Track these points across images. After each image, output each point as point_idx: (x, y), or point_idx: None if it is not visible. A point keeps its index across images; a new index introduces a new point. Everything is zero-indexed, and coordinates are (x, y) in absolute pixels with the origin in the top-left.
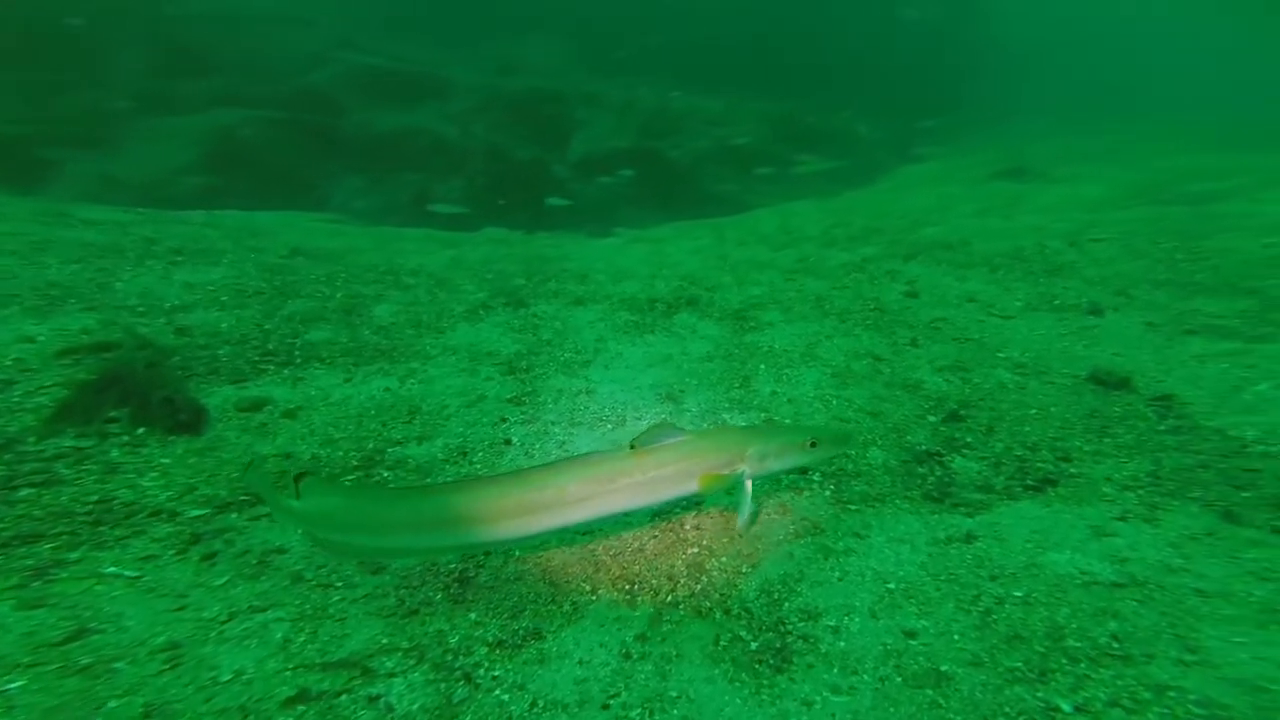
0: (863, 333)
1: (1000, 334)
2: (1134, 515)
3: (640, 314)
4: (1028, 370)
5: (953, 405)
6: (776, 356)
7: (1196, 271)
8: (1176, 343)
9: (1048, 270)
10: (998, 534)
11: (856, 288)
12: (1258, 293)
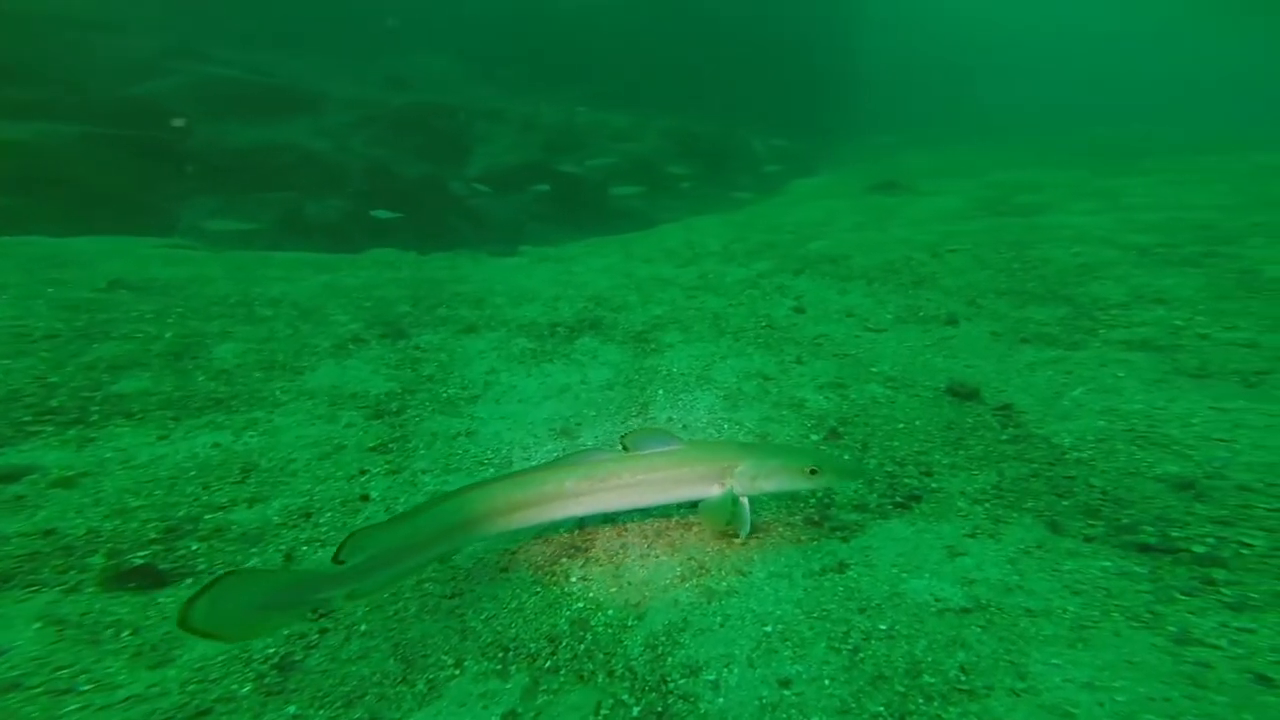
0: (754, 352)
1: (874, 348)
2: (981, 531)
3: (540, 340)
4: (897, 384)
5: (833, 423)
6: (674, 380)
7: (1028, 280)
8: (1014, 351)
9: (914, 282)
10: (868, 559)
11: (751, 304)
12: (1071, 300)
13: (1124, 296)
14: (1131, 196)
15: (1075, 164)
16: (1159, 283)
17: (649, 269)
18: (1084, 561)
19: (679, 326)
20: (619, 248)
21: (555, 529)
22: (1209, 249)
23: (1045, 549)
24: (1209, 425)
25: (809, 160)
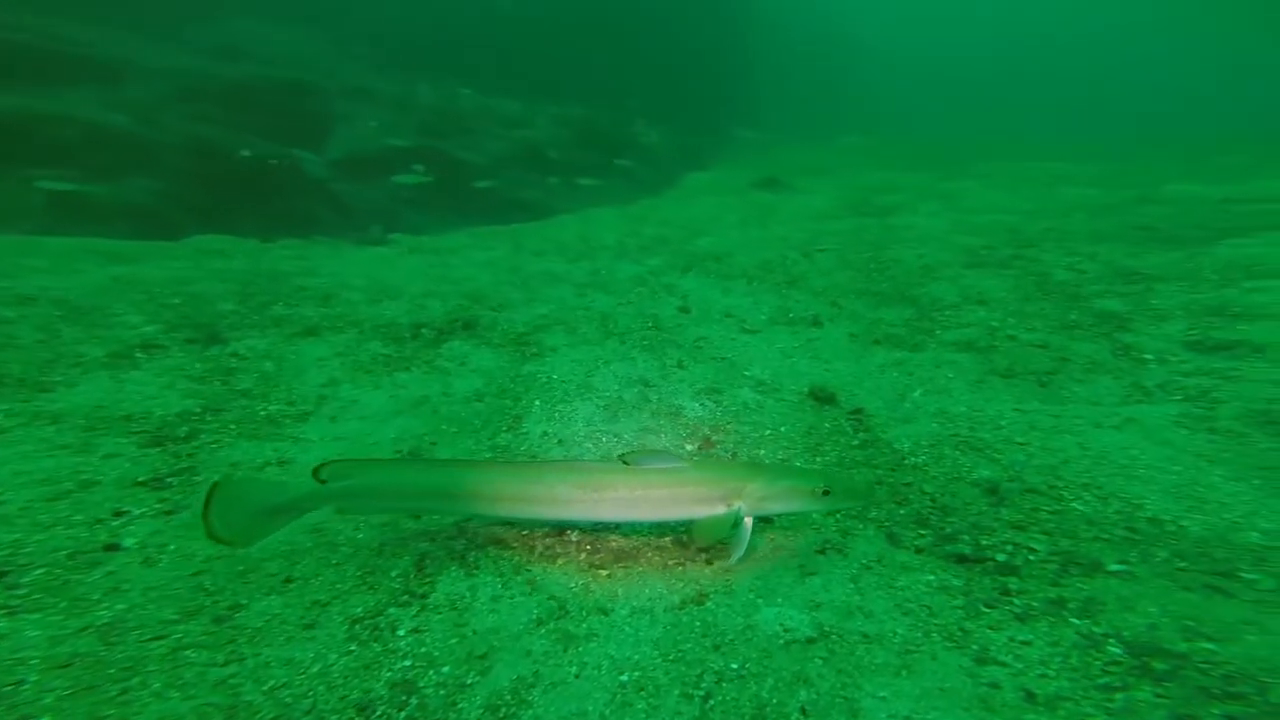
0: (639, 355)
1: (747, 351)
2: (831, 546)
3: (399, 344)
4: (767, 388)
5: (706, 431)
6: (553, 389)
7: (882, 281)
8: (868, 353)
9: (788, 281)
10: (729, 585)
11: (640, 304)
12: (915, 301)
13: (956, 297)
14: (966, 199)
15: (927, 166)
16: (982, 284)
17: (539, 263)
18: (914, 577)
19: (565, 328)
20: (508, 239)
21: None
22: (1016, 252)
23: (883, 563)
24: (1013, 427)
25: (701, 154)
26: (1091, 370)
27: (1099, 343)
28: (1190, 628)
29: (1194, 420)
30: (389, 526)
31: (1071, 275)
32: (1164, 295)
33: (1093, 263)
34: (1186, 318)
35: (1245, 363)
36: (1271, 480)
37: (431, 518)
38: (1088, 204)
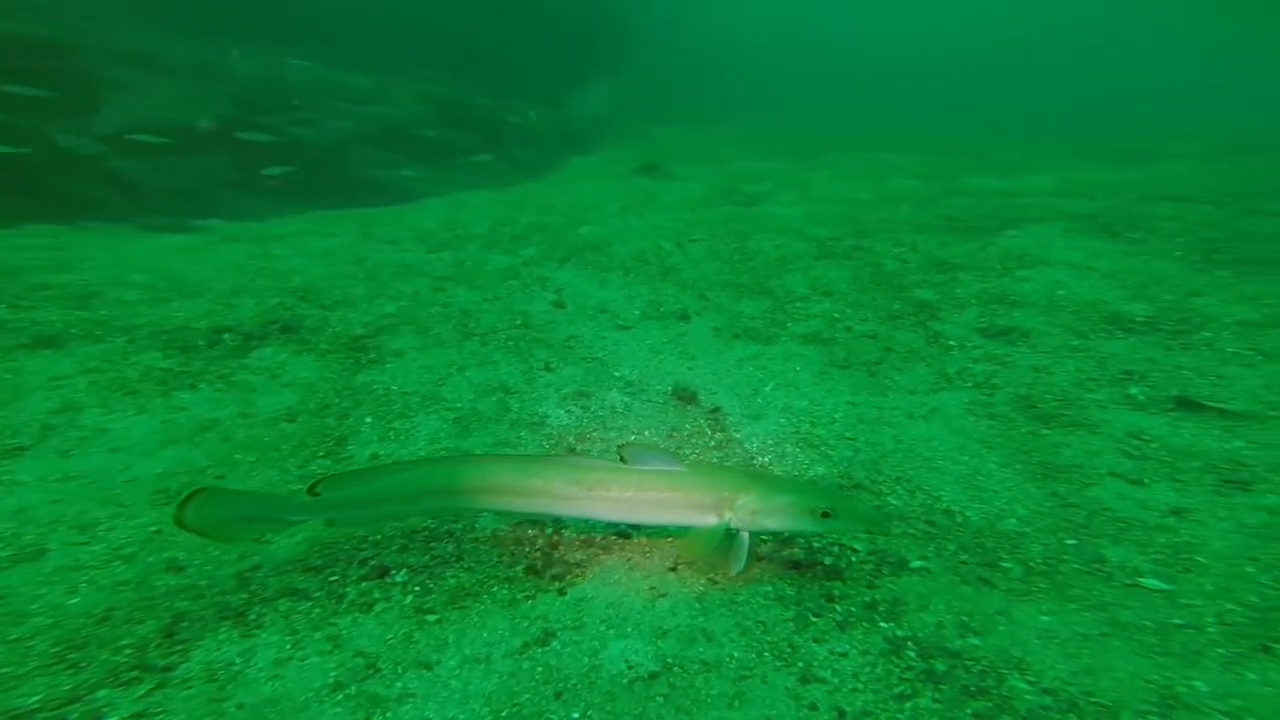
0: (502, 358)
1: (618, 349)
2: (681, 561)
3: (186, 355)
4: (635, 389)
5: (571, 440)
6: (392, 402)
7: (744, 273)
8: (729, 348)
9: (661, 273)
10: (579, 618)
11: (509, 299)
12: (772, 293)
13: (806, 289)
14: (818, 188)
15: (790, 154)
16: (828, 275)
17: (391, 253)
18: (754, 589)
19: (416, 328)
20: (356, 225)
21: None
22: (857, 243)
23: (729, 576)
24: (845, 421)
25: (585, 137)
26: (909, 359)
27: (916, 331)
28: (964, 623)
29: (979, 407)
30: (134, 586)
31: (898, 266)
32: (964, 284)
33: (914, 253)
34: (979, 305)
35: (1016, 348)
36: (1028, 464)
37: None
38: (911, 195)
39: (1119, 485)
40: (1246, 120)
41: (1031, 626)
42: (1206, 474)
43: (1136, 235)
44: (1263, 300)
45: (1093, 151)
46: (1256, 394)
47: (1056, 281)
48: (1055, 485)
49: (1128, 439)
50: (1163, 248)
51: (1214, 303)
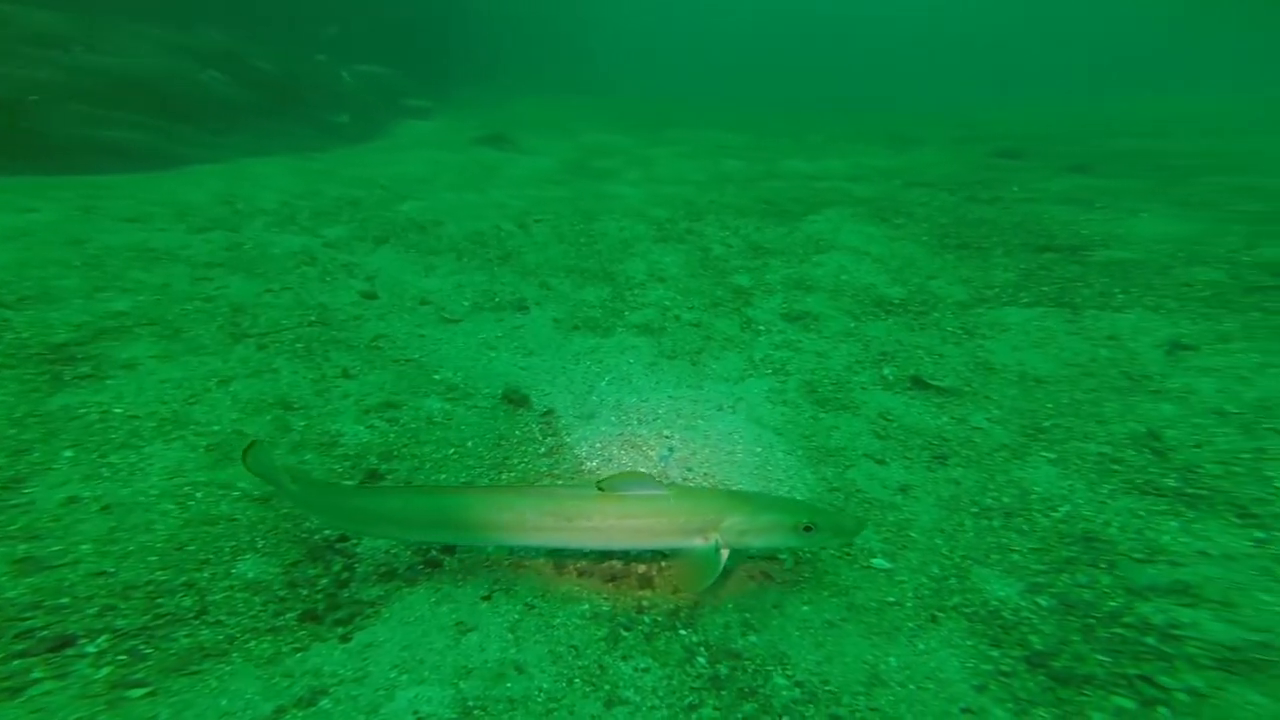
0: (285, 364)
1: (440, 348)
2: (499, 587)
3: None
4: (458, 394)
5: (374, 460)
6: (112, 429)
7: (589, 257)
8: (566, 342)
9: (501, 256)
10: (363, 666)
11: (302, 289)
12: (613, 279)
13: (644, 274)
14: (660, 167)
15: (638, 129)
16: (664, 260)
17: (130, 234)
18: (572, 609)
19: (159, 331)
20: (74, 197)
21: None
22: (690, 226)
23: (547, 597)
24: (666, 417)
25: (424, 101)
26: (726, 347)
27: (733, 318)
28: (747, 621)
29: (775, 394)
30: None
31: (724, 250)
32: (774, 269)
33: (736, 237)
34: (784, 291)
35: (807, 334)
36: (808, 450)
37: None
38: (738, 176)
39: (869, 466)
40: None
41: (796, 618)
42: (924, 450)
43: (900, 220)
44: (972, 282)
45: (877, 135)
46: (959, 371)
47: (841, 266)
48: (825, 469)
49: (879, 419)
50: (915, 232)
51: (943, 284)
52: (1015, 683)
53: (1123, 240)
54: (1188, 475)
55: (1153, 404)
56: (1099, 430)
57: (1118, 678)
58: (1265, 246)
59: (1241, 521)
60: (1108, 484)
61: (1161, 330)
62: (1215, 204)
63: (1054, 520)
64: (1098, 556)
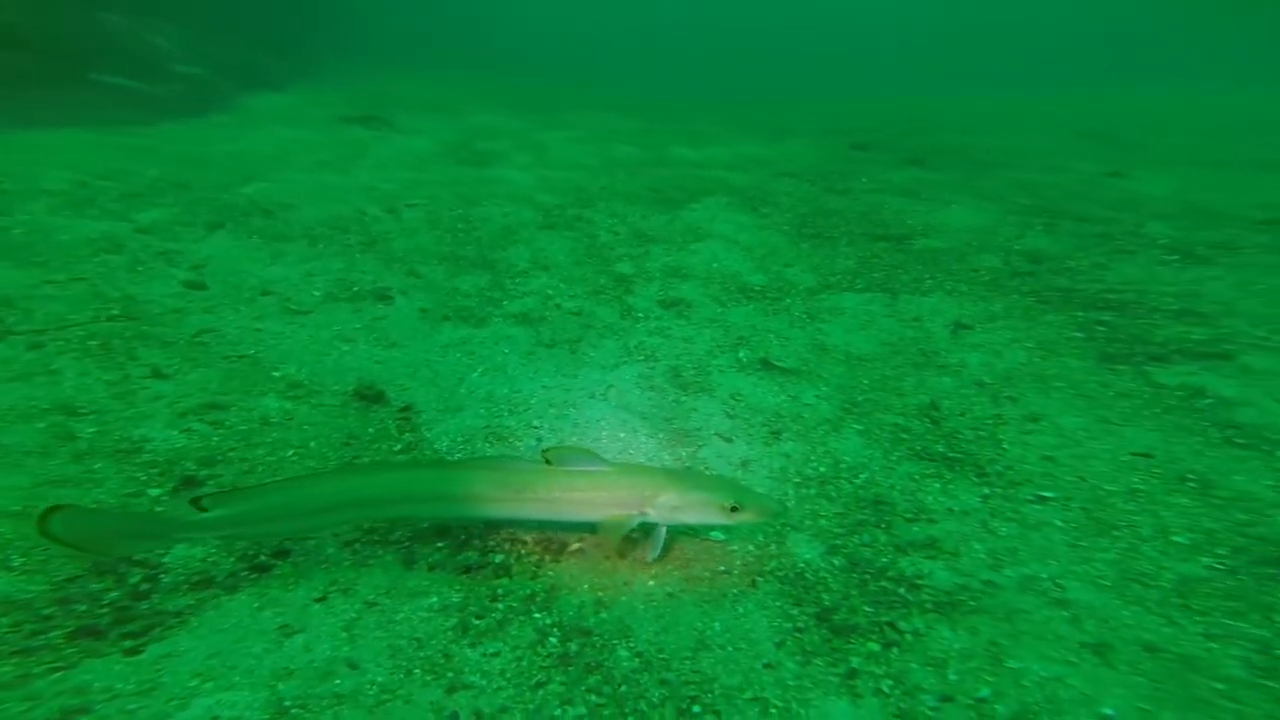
0: (69, 365)
1: (283, 342)
2: (336, 587)
3: None
4: (302, 392)
5: (190, 466)
6: None
7: (467, 244)
8: (436, 331)
9: (364, 243)
10: (155, 677)
11: (101, 280)
12: (493, 266)
13: (527, 262)
14: (552, 151)
15: (530, 109)
16: (550, 248)
17: None
18: (418, 604)
19: None
20: None
21: None
22: (579, 212)
23: (393, 594)
24: (538, 407)
25: (275, 72)
26: (604, 335)
27: (613, 306)
28: (600, 599)
29: (644, 380)
30: None
31: (610, 237)
32: (655, 257)
33: (623, 225)
34: (662, 278)
35: (678, 321)
36: (668, 432)
37: None
38: (629, 162)
39: (719, 445)
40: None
41: (642, 593)
42: (764, 427)
43: (767, 210)
44: (820, 269)
45: (758, 125)
46: (800, 353)
47: (714, 254)
48: (682, 449)
49: (730, 400)
50: (779, 222)
51: (797, 272)
52: (805, 637)
53: (937, 230)
54: (951, 440)
55: (937, 378)
56: (897, 402)
57: (875, 625)
58: (1030, 237)
59: (978, 480)
60: (897, 451)
61: (951, 311)
62: (1003, 197)
63: (855, 486)
64: (881, 518)
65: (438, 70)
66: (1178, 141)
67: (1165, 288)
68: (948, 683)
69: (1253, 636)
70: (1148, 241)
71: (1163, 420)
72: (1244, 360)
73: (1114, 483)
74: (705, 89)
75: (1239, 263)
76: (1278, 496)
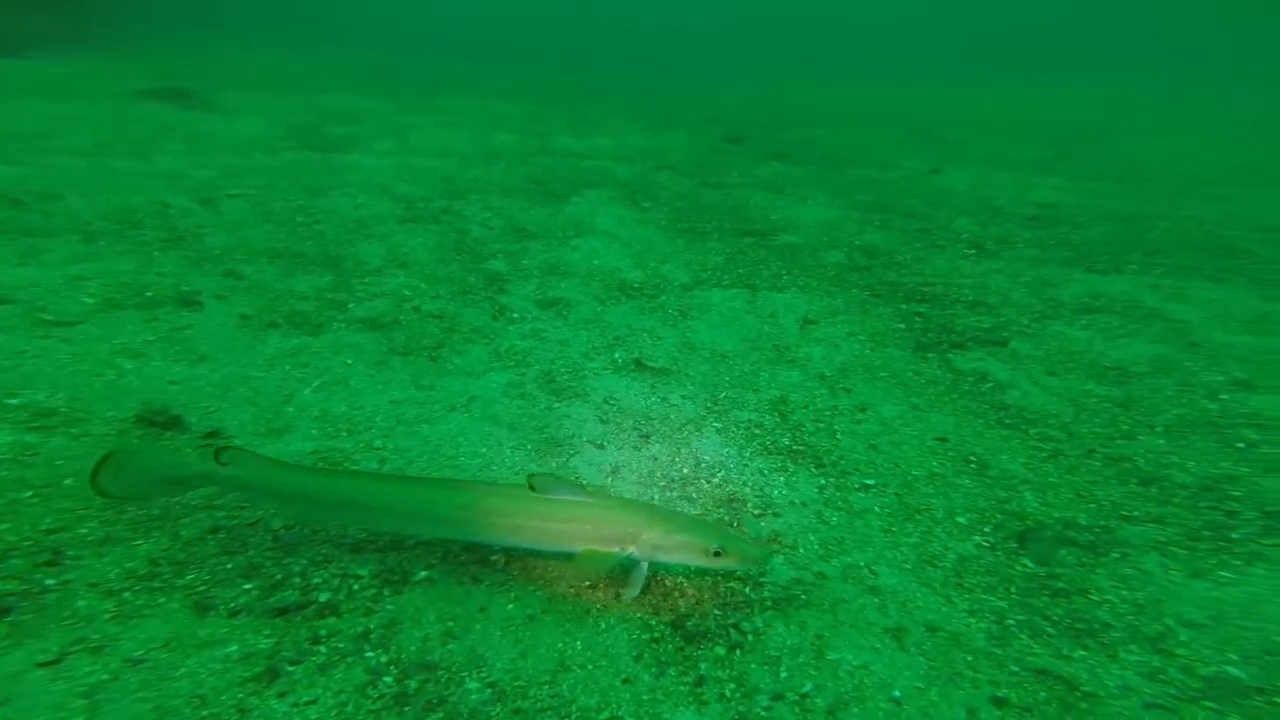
0: None
1: (27, 362)
2: (82, 646)
3: None
4: (56, 422)
5: None
6: None
7: (307, 239)
8: (258, 343)
9: (166, 239)
10: None
11: None
12: (338, 264)
13: (381, 260)
14: (419, 136)
15: (399, 90)
16: (410, 243)
17: None
18: (209, 654)
19: None
20: None
21: None
22: (447, 205)
23: (173, 646)
24: (383, 425)
25: (37, 34)
26: (471, 339)
27: (483, 307)
28: (449, 629)
29: (514, 388)
30: None
31: (483, 232)
32: (533, 253)
33: (499, 219)
34: (540, 276)
35: (554, 322)
36: (538, 442)
37: None
38: (509, 151)
39: (590, 452)
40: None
41: (499, 618)
42: (634, 431)
43: (647, 204)
44: (694, 265)
45: (644, 114)
46: (670, 351)
47: (595, 250)
48: (552, 459)
49: (603, 404)
50: (657, 217)
51: (672, 268)
52: (661, 647)
53: (796, 225)
54: (796, 433)
55: (787, 372)
56: (752, 398)
57: (722, 628)
58: (869, 232)
59: (816, 471)
60: (750, 447)
61: (801, 307)
62: (849, 193)
63: (713, 485)
64: (734, 515)
65: (293, 44)
66: (985, 140)
67: (965, 280)
68: (779, 680)
69: (995, 609)
70: (955, 237)
71: (958, 405)
72: (1014, 346)
73: (920, 467)
74: (600, 74)
75: (1014, 256)
76: (1028, 474)
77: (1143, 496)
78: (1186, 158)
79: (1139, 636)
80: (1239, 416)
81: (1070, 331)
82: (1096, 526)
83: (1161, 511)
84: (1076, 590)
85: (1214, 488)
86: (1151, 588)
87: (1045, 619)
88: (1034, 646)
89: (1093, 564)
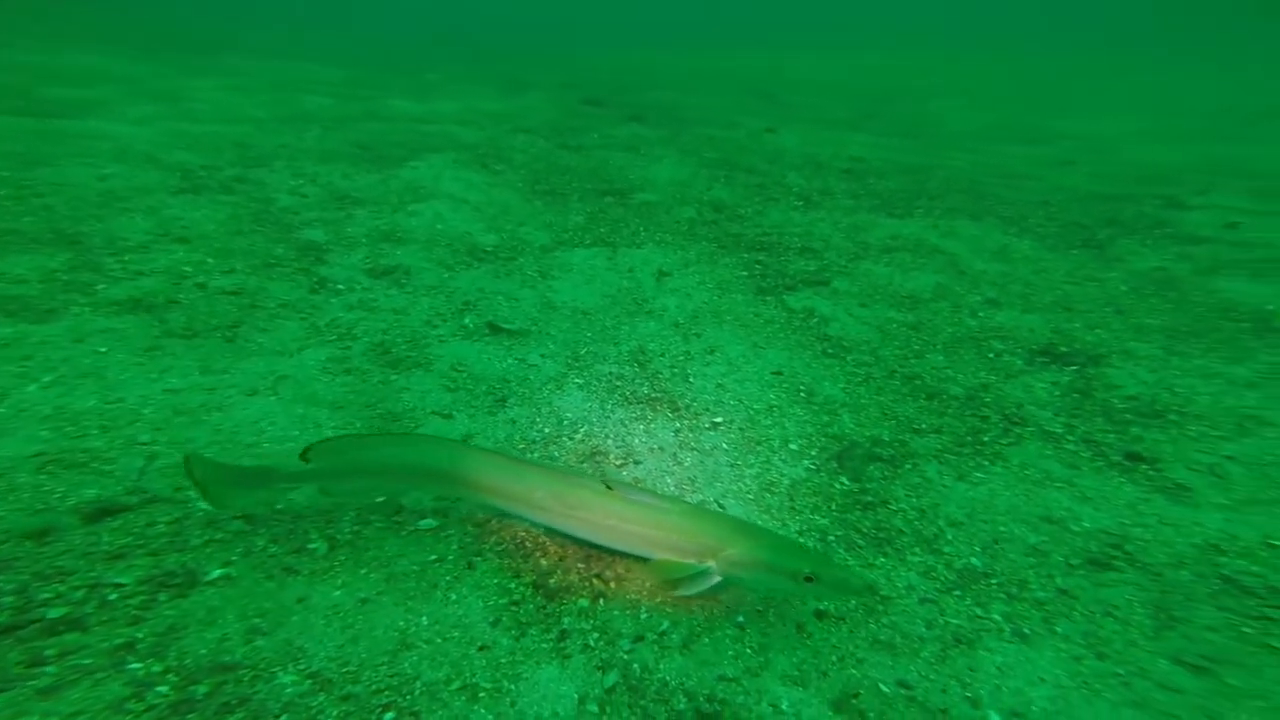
0: None
1: None
2: None
3: None
4: None
5: None
6: None
7: (24, 214)
8: None
9: None
10: None
11: None
12: (79, 241)
13: (146, 235)
14: (195, 101)
15: (163, 53)
16: (190, 215)
17: None
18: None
19: None
20: None
21: None
22: (243, 173)
23: None
24: (153, 418)
25: None
26: (280, 315)
27: (297, 280)
28: (255, 627)
29: (336, 364)
30: None
31: (294, 200)
32: (359, 221)
33: (314, 186)
34: (370, 244)
35: (387, 291)
36: (372, 418)
37: None
38: (324, 116)
39: (437, 422)
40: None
41: (323, 607)
42: (488, 396)
43: (500, 167)
44: (553, 226)
45: (494, 78)
46: (529, 312)
47: (438, 215)
48: None
49: (451, 372)
50: (513, 180)
51: (530, 230)
52: (521, 609)
53: (652, 184)
54: (654, 381)
55: (645, 323)
56: (613, 351)
57: (585, 580)
58: (716, 189)
59: (672, 416)
60: (612, 399)
61: (657, 260)
62: (697, 151)
63: (575, 441)
64: (597, 469)
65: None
66: (812, 102)
67: (794, 229)
68: (640, 622)
69: (820, 526)
70: (787, 190)
71: (790, 340)
72: (835, 284)
73: (759, 401)
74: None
75: (834, 205)
76: (845, 397)
77: (928, 409)
78: (956, 116)
79: (921, 539)
80: (990, 330)
81: (877, 269)
82: (896, 441)
83: (940, 422)
84: (880, 502)
85: (975, 396)
86: (932, 493)
87: (857, 531)
88: (849, 559)
89: (893, 476)
